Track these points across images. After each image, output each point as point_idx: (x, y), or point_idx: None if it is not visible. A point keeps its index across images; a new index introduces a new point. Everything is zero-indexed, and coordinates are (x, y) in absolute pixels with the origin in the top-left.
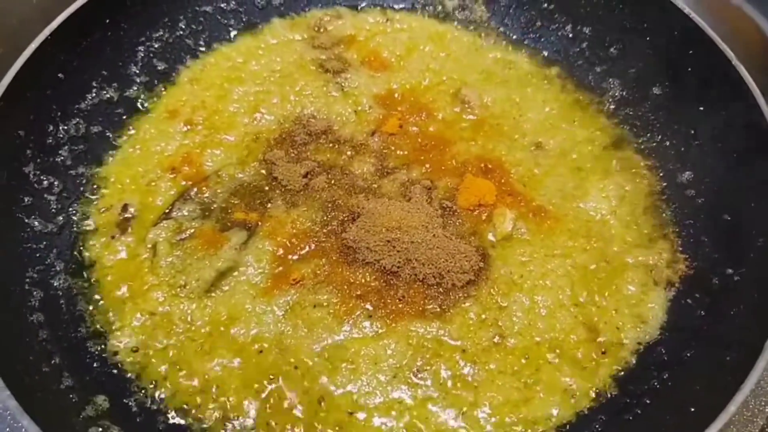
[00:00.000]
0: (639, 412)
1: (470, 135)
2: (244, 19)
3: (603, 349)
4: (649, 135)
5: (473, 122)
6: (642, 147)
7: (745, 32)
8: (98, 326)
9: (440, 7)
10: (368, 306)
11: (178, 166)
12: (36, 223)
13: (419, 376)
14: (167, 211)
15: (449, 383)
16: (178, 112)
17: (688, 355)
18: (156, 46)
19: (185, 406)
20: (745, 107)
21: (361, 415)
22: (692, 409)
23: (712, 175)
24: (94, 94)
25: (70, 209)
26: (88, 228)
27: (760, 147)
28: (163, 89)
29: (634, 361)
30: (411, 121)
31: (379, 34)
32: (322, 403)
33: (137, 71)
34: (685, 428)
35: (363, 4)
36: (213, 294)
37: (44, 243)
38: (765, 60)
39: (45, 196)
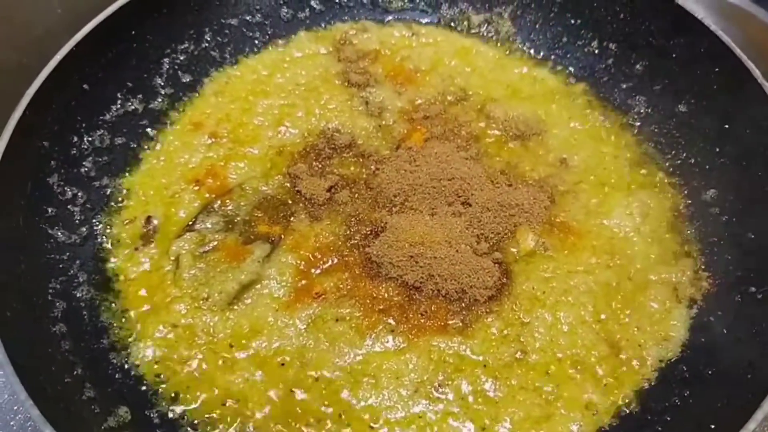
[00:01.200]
0: (660, 429)
1: (495, 150)
2: (269, 32)
3: (625, 366)
4: (674, 152)
5: (498, 137)
6: (667, 164)
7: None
8: (121, 338)
9: (466, 22)
10: (390, 320)
11: (202, 178)
12: (59, 234)
13: (440, 390)
14: (191, 223)
15: (470, 398)
16: (202, 124)
17: (710, 372)
18: (181, 58)
19: (207, 418)
20: None
21: (382, 430)
22: (712, 426)
23: (737, 193)
24: (118, 106)
25: (94, 220)
26: (111, 239)
27: None
28: (187, 101)
29: (655, 378)
30: (435, 137)
31: (405, 48)
32: (343, 417)
33: (162, 83)
34: None
35: (389, 18)
36: (235, 307)
37: (67, 254)
38: None
39: (69, 207)
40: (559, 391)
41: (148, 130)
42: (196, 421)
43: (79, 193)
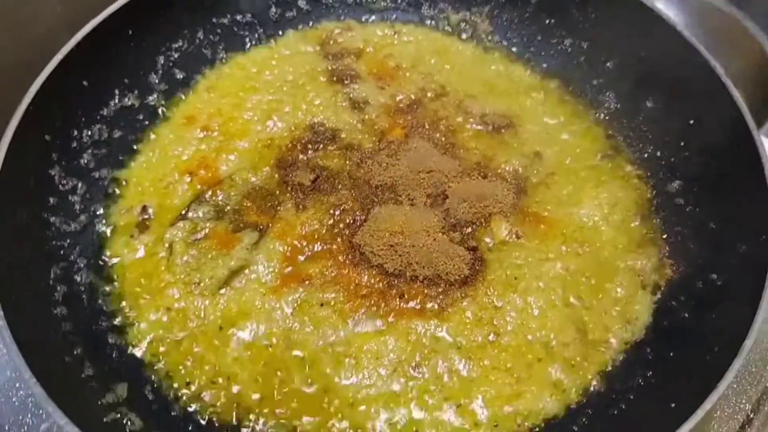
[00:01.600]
0: (623, 407)
1: (472, 144)
2: (259, 31)
3: (592, 348)
4: (641, 146)
5: (475, 132)
6: (634, 157)
7: (741, 45)
8: (118, 319)
9: (446, 21)
10: (372, 305)
11: (195, 170)
12: (60, 222)
13: (418, 370)
14: (183, 212)
15: (446, 377)
16: (195, 118)
17: (671, 354)
18: (175, 56)
19: (198, 394)
20: (733, 122)
21: (362, 406)
22: (672, 405)
23: (700, 184)
24: (116, 101)
25: (93, 209)
26: (109, 227)
27: (745, 159)
28: (181, 97)
29: (620, 360)
30: (415, 131)
31: (387, 46)
32: (326, 394)
33: (157, 80)
34: (666, 423)
35: (372, 18)
36: (225, 291)
37: (68, 241)
38: (755, 72)
39: (69, 197)
40: (530, 371)
41: (145, 124)
42: (187, 397)
43: (79, 184)
